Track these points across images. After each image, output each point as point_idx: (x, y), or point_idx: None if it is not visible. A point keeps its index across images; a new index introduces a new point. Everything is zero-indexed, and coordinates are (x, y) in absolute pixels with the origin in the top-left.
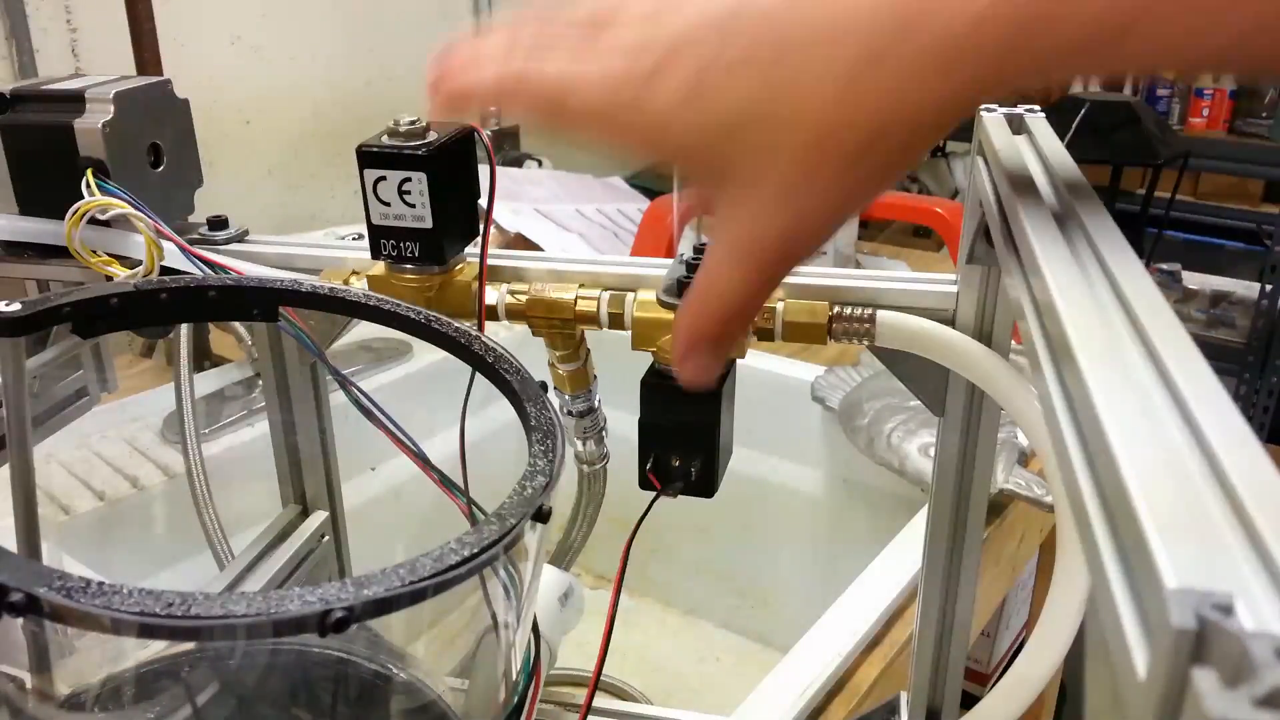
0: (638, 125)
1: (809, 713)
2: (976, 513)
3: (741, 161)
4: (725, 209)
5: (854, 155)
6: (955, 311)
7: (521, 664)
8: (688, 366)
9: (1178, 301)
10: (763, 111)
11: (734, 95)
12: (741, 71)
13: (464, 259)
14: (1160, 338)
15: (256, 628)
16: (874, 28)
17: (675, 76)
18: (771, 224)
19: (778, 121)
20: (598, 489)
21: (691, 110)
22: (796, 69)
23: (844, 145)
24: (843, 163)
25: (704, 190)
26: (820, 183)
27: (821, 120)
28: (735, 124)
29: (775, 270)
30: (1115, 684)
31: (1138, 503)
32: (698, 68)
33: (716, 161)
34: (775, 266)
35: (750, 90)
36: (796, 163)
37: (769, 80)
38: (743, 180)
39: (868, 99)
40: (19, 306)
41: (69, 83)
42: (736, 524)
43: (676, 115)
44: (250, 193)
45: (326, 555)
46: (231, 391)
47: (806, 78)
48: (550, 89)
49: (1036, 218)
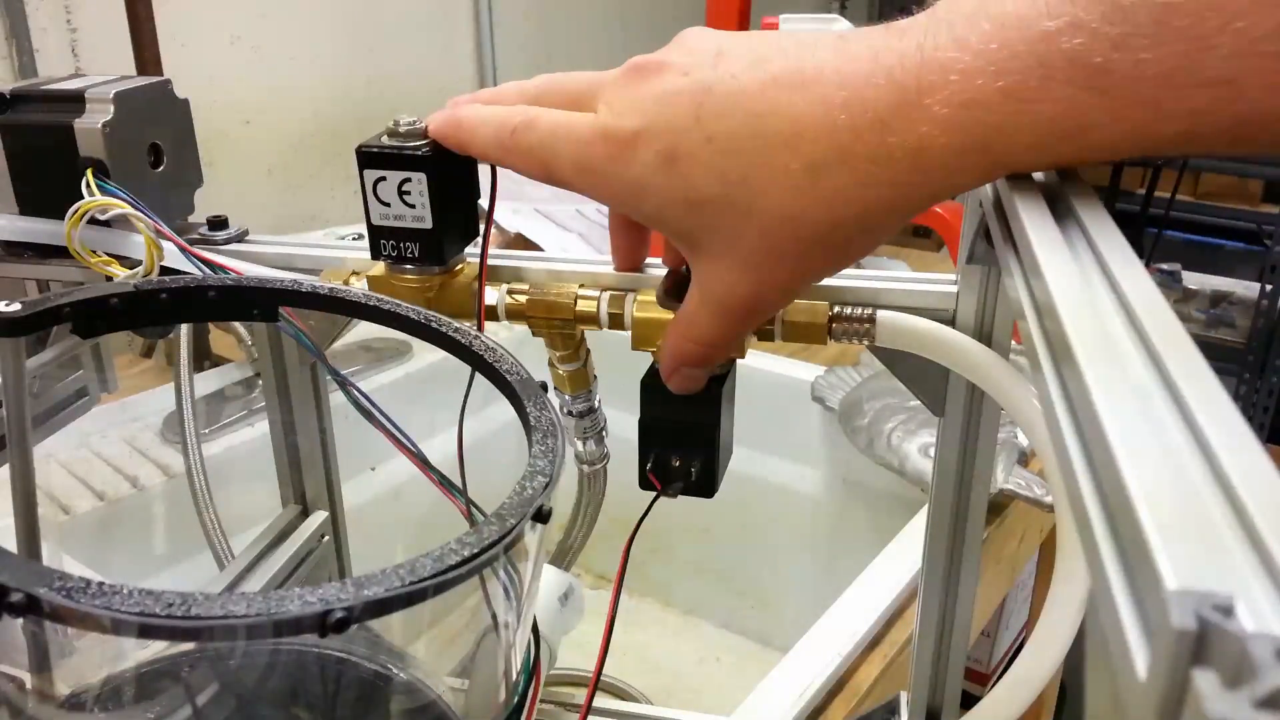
0: (617, 188)
1: (809, 713)
2: (976, 513)
3: (710, 235)
4: (698, 266)
5: (810, 241)
6: (955, 311)
7: (521, 664)
8: (674, 381)
9: (1178, 301)
10: (731, 195)
11: (704, 174)
12: (713, 150)
13: (464, 259)
14: (1160, 338)
15: (256, 628)
16: (833, 132)
17: (651, 145)
18: (738, 287)
19: (744, 206)
20: (598, 489)
21: (665, 180)
22: (762, 157)
23: (800, 232)
24: (800, 246)
25: (680, 248)
26: (784, 261)
27: (781, 209)
28: (705, 200)
29: (745, 322)
30: (1115, 685)
31: (1138, 503)
32: (673, 139)
33: (688, 231)
34: (744, 320)
35: (720, 172)
36: (759, 242)
37: (738, 164)
38: (712, 251)
39: (823, 194)
40: (19, 306)
41: (69, 83)
42: (736, 524)
43: (652, 183)
44: (250, 193)
45: (326, 555)
46: (231, 391)
47: (771, 169)
48: (541, 145)
49: (1036, 218)
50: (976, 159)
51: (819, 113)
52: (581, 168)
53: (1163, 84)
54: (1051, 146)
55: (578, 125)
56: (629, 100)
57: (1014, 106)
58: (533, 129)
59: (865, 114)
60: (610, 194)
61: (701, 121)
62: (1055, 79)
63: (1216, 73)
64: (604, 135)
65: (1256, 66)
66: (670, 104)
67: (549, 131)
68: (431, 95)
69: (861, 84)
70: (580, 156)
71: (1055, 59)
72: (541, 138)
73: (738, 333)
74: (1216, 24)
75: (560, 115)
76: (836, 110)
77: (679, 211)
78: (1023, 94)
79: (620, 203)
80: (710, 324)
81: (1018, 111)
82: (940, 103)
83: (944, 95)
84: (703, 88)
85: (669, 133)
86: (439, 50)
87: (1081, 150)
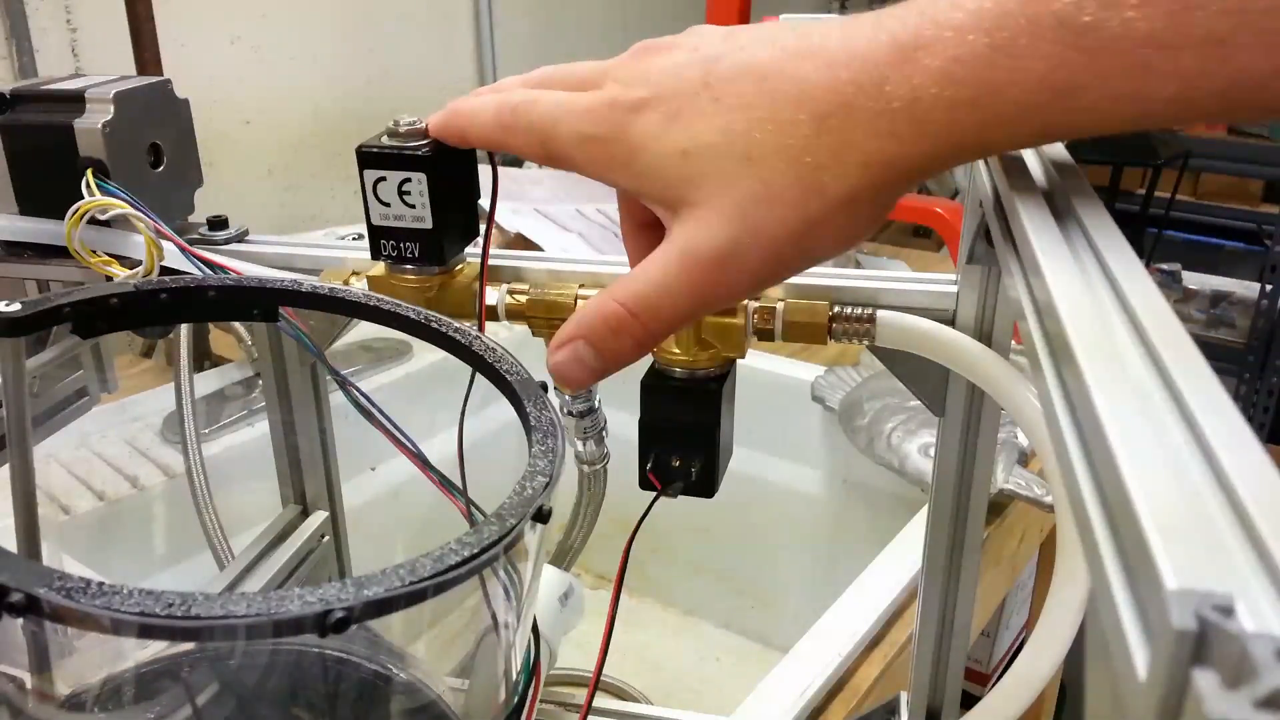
0: (616, 150)
1: (809, 713)
2: (976, 513)
3: (700, 183)
4: (676, 222)
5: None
6: (955, 311)
7: (521, 664)
8: (559, 354)
9: (1178, 301)
10: (732, 143)
11: (707, 125)
12: (719, 107)
13: (464, 259)
14: (1160, 338)
15: (256, 628)
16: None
17: (657, 109)
18: (717, 233)
19: (743, 152)
20: (598, 489)
21: (666, 134)
22: (769, 113)
23: (802, 175)
24: (797, 191)
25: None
26: (775, 208)
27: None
28: (703, 147)
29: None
30: (1115, 685)
31: (1138, 503)
32: (679, 102)
33: (676, 183)
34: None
35: (725, 124)
36: (756, 187)
37: (744, 118)
38: (697, 199)
39: (827, 141)
40: (19, 306)
41: (69, 83)
42: (736, 524)
43: (652, 138)
44: (250, 193)
45: (326, 555)
46: (231, 391)
47: (777, 121)
48: (542, 118)
49: (1036, 218)
50: (967, 114)
51: (825, 74)
52: (583, 136)
53: (1151, 43)
54: (1040, 108)
55: (582, 98)
56: (637, 73)
57: (1003, 62)
58: (535, 105)
59: (866, 71)
60: (606, 158)
61: (710, 86)
62: (1045, 37)
63: (1206, 31)
64: (609, 103)
65: (1247, 24)
66: (679, 74)
67: (553, 104)
68: (431, 95)
69: (864, 46)
70: (582, 125)
71: (1045, 18)
72: (544, 112)
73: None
74: None
75: (564, 93)
76: (841, 70)
77: (673, 162)
78: (1012, 50)
79: (616, 167)
80: (660, 276)
81: (1007, 68)
82: (933, 56)
83: (936, 49)
84: (712, 57)
85: (676, 97)
86: (439, 50)
87: (1071, 114)
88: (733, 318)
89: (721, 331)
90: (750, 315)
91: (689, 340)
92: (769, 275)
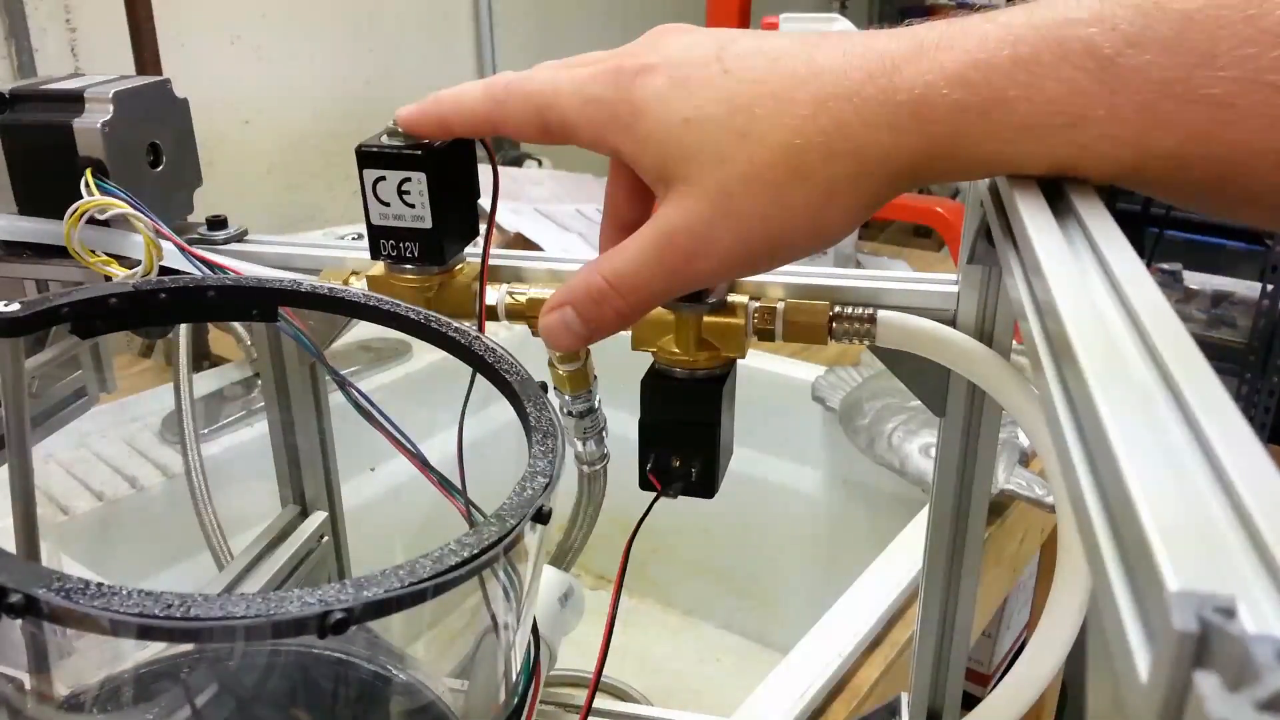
0: (620, 110)
1: (809, 713)
2: (977, 513)
3: (695, 157)
4: (665, 197)
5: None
6: (956, 311)
7: (521, 665)
8: (550, 318)
9: (1178, 301)
10: (733, 118)
11: (713, 95)
12: (728, 79)
13: (464, 259)
14: (1161, 338)
15: (256, 629)
16: (847, 72)
17: (665, 73)
18: (694, 215)
19: (741, 129)
20: (598, 489)
21: (671, 98)
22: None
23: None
24: (781, 174)
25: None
26: (755, 191)
27: (776, 135)
28: (705, 119)
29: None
30: (1117, 686)
31: (1139, 504)
32: (689, 70)
33: (674, 154)
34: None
35: (729, 95)
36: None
37: (749, 91)
38: (688, 176)
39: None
40: (18, 306)
41: (68, 82)
42: (736, 524)
43: (657, 100)
44: (250, 193)
45: (326, 556)
46: (231, 391)
47: (779, 100)
48: (541, 87)
49: (1037, 217)
50: (971, 121)
51: (838, 60)
52: (585, 98)
53: (1164, 91)
54: (1044, 134)
55: (585, 68)
56: (649, 44)
57: (1021, 76)
58: (532, 77)
59: (882, 62)
60: (609, 119)
61: (722, 59)
62: (1068, 61)
63: (1218, 91)
64: (615, 68)
65: (1257, 95)
66: (693, 48)
67: (551, 73)
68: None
69: (885, 43)
70: (586, 87)
71: (1072, 43)
72: (543, 80)
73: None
74: (1227, 45)
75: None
76: (856, 58)
77: (674, 130)
78: (1032, 66)
79: (619, 129)
80: (637, 253)
81: (1023, 83)
82: (952, 57)
83: (957, 52)
84: (728, 37)
85: (687, 65)
86: (439, 50)
87: (1071, 148)
88: (733, 318)
89: (721, 331)
90: (750, 315)
91: (689, 340)
92: (736, 262)
